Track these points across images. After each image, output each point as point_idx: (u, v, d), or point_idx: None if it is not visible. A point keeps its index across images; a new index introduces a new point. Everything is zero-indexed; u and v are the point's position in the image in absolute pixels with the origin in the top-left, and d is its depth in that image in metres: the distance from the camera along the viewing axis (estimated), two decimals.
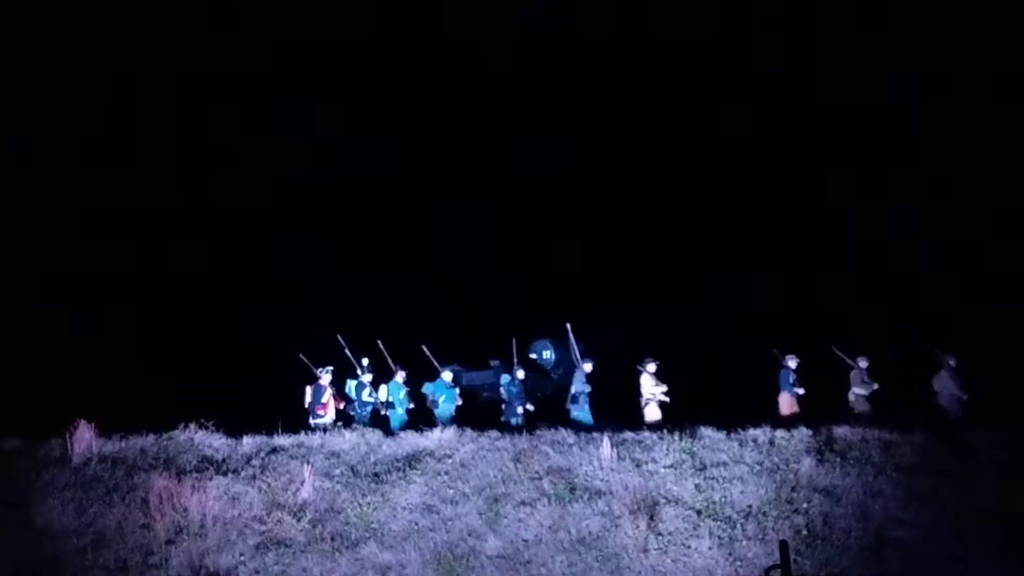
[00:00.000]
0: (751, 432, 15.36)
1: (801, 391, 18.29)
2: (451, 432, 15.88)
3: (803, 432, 15.19)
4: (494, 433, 15.96)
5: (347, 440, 15.77)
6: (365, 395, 18.49)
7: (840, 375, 18.39)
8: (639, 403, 18.08)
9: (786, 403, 18.24)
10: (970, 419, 16.79)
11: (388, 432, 16.50)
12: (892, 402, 17.63)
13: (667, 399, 17.94)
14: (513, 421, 17.98)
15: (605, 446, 14.97)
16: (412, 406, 18.50)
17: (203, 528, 13.90)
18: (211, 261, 25.70)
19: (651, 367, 18.12)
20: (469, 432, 15.92)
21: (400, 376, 18.63)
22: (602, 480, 14.51)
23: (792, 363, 18.40)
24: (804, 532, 13.36)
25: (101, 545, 13.66)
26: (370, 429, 16.24)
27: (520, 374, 18.49)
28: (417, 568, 13.48)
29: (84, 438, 15.31)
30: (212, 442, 15.77)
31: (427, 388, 18.66)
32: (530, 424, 16.90)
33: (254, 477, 14.84)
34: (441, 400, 18.44)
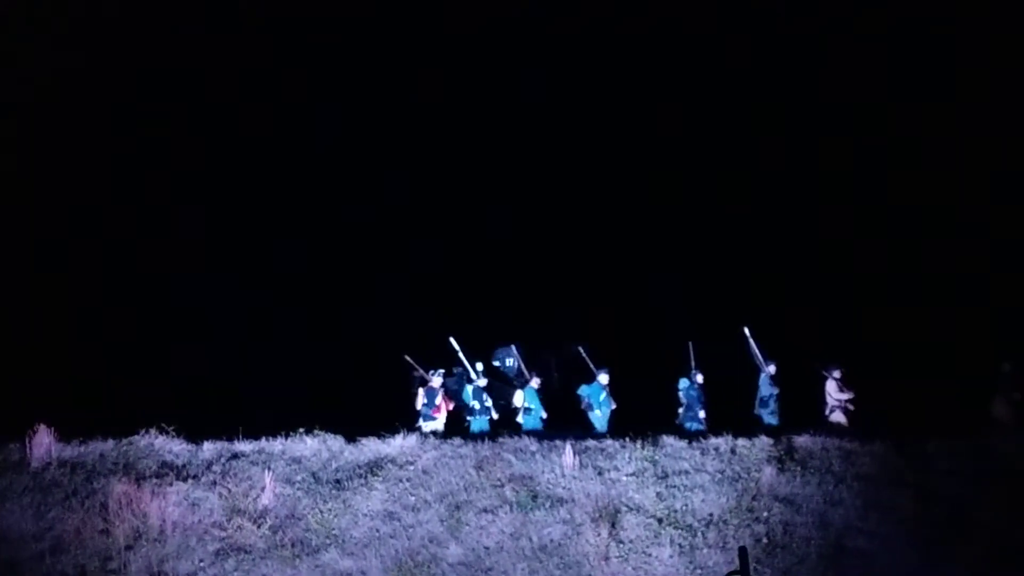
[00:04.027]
0: (713, 441, 15.43)
1: (1020, 396, 18.02)
2: (413, 439, 15.86)
3: (764, 441, 15.27)
4: (456, 440, 15.95)
5: (308, 446, 15.68)
6: (483, 400, 18.44)
7: None
8: (823, 409, 18.05)
9: (1003, 408, 17.99)
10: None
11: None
12: None
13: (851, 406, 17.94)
14: (691, 426, 17.79)
15: (567, 454, 14.98)
16: (546, 415, 18.43)
17: (163, 534, 13.81)
18: (210, 262, 25.35)
19: (836, 373, 18.11)
20: (432, 439, 15.93)
21: (535, 382, 18.51)
22: (564, 488, 14.53)
23: (1008, 367, 18.19)
24: (764, 540, 13.44)
25: (59, 550, 13.55)
26: (332, 435, 16.16)
27: (699, 378, 18.44)
28: (378, 575, 13.46)
29: (43, 442, 15.17)
30: (172, 447, 15.66)
31: (583, 391, 18.57)
32: (492, 432, 16.90)
33: (214, 483, 14.76)
34: (599, 402, 18.37)
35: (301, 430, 16.20)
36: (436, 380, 18.16)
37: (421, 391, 18.21)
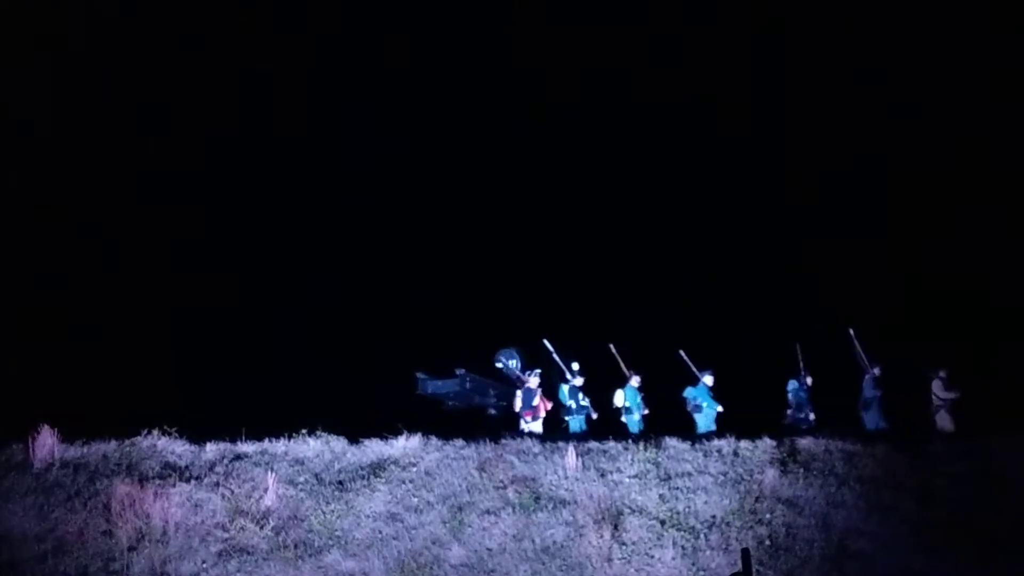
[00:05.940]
0: (715, 443, 15.43)
1: None
2: (416, 440, 15.84)
3: (767, 443, 15.26)
4: (459, 442, 15.92)
5: (311, 447, 15.69)
6: (580, 399, 18.50)
7: None
8: (930, 410, 18.32)
9: None
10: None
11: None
12: None
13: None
14: (804, 426, 17.93)
15: (570, 456, 14.98)
16: (647, 412, 18.56)
17: (165, 535, 13.81)
18: (215, 262, 25.29)
19: (942, 373, 18.29)
20: (434, 440, 15.89)
21: (635, 380, 18.66)
22: (567, 490, 14.52)
23: None
24: (767, 542, 13.43)
25: (62, 551, 13.55)
26: (335, 436, 16.15)
27: (808, 380, 18.72)
28: None
29: (46, 443, 15.17)
30: (175, 448, 15.65)
31: (688, 392, 18.72)
32: (494, 433, 16.91)
33: (217, 484, 14.75)
34: (704, 405, 18.52)
35: (304, 431, 16.20)
36: (533, 380, 18.24)
37: (519, 392, 18.33)
